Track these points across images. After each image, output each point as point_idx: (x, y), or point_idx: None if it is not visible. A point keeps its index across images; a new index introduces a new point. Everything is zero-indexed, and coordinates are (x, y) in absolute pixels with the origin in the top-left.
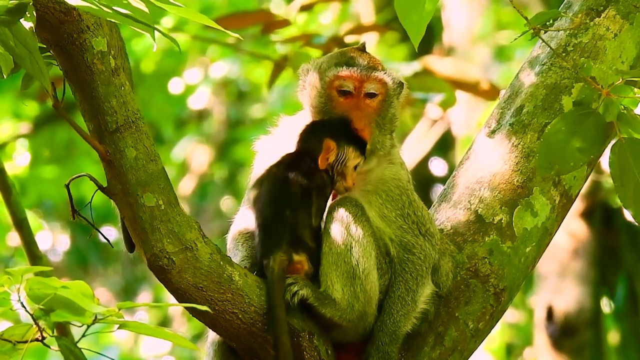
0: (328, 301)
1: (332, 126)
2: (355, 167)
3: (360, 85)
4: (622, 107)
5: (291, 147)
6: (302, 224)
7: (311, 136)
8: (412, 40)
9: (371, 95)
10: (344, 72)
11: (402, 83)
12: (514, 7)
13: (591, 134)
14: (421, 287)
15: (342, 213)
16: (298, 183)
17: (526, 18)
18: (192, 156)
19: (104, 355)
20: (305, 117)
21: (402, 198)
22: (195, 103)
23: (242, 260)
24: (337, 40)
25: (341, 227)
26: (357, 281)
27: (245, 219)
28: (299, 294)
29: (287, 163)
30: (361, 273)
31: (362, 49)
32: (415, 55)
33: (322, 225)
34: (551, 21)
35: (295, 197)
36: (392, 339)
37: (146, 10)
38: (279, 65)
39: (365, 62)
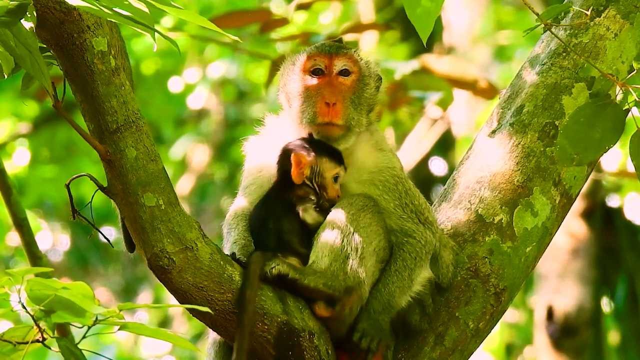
0: (309, 272)
1: (300, 143)
2: (336, 179)
3: (330, 63)
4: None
5: (279, 144)
6: (288, 231)
7: (283, 157)
8: (421, 35)
9: (344, 73)
10: (313, 51)
11: (380, 77)
12: (525, 3)
13: (610, 123)
14: (419, 268)
15: (354, 200)
16: (281, 197)
17: (537, 14)
18: (191, 155)
19: (102, 355)
20: (287, 114)
21: (398, 187)
22: (194, 102)
23: (235, 243)
24: (335, 39)
25: (349, 212)
26: (349, 261)
27: (238, 204)
28: (276, 269)
29: (273, 187)
30: (356, 256)
31: (338, 41)
32: (415, 53)
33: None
34: (562, 14)
35: (278, 208)
36: (385, 308)
37: (147, 10)
38: (277, 64)
39: (337, 45)
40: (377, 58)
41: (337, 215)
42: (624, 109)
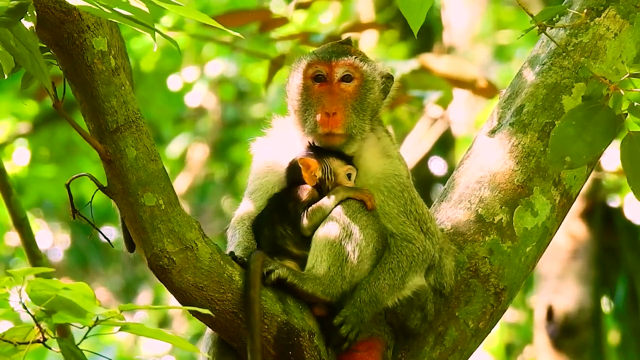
0: (307, 277)
1: (305, 152)
2: (349, 176)
3: (331, 70)
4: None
5: (286, 146)
6: (281, 236)
7: (291, 168)
8: (411, 25)
9: (346, 79)
10: (315, 58)
11: (391, 76)
12: (519, 4)
13: (601, 127)
14: (413, 273)
15: (350, 202)
16: (281, 206)
17: (531, 15)
18: (189, 154)
19: (102, 356)
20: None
21: (403, 195)
22: (192, 101)
23: (237, 245)
24: (334, 38)
25: (346, 214)
26: (347, 264)
27: (243, 208)
28: (275, 273)
29: (275, 196)
30: (354, 259)
31: (346, 42)
32: (414, 53)
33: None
34: (557, 17)
35: (275, 216)
36: (371, 301)
37: (146, 9)
38: (276, 64)
39: (340, 50)
40: (377, 58)
41: (334, 218)
42: (617, 113)
